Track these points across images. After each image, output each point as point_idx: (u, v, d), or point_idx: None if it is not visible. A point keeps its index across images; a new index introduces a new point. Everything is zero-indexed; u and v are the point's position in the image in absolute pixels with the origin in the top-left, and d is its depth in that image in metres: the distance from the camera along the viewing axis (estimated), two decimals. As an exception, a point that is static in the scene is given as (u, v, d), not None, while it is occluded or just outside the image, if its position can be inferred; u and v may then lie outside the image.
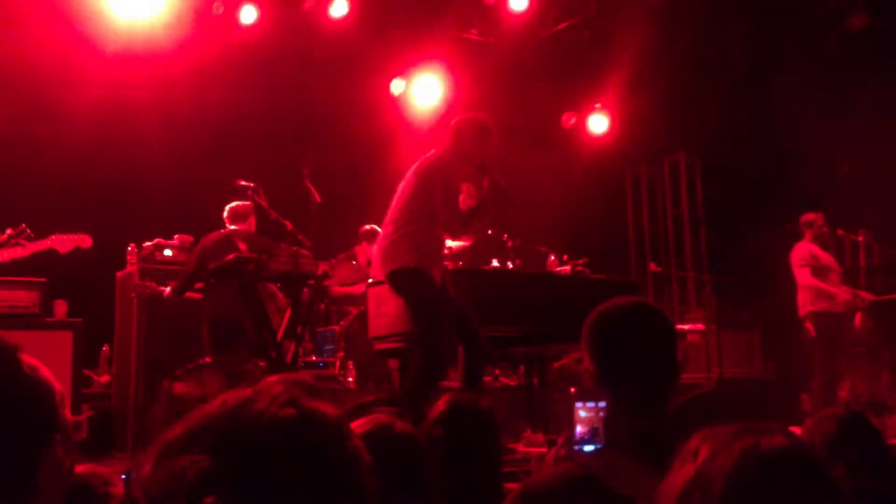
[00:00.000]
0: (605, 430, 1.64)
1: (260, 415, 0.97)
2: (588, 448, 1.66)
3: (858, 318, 7.38)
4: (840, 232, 7.71)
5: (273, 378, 1.04)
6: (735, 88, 9.36)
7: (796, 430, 2.55)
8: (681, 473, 1.12)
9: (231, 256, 5.56)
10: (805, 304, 7.12)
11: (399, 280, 4.83)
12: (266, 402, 0.99)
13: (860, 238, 7.70)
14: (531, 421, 6.16)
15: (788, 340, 7.47)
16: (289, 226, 5.84)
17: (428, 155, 4.93)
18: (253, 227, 6.48)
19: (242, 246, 6.11)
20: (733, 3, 8.68)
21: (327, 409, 1.02)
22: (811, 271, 7.10)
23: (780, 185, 9.21)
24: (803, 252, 7.18)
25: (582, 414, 1.69)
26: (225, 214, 6.50)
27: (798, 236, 7.37)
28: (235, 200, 6.45)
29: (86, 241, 5.84)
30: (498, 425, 2.28)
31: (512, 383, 7.50)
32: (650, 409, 1.74)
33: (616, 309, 1.81)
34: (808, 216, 7.37)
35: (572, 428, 1.71)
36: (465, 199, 4.91)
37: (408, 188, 4.85)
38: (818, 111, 8.63)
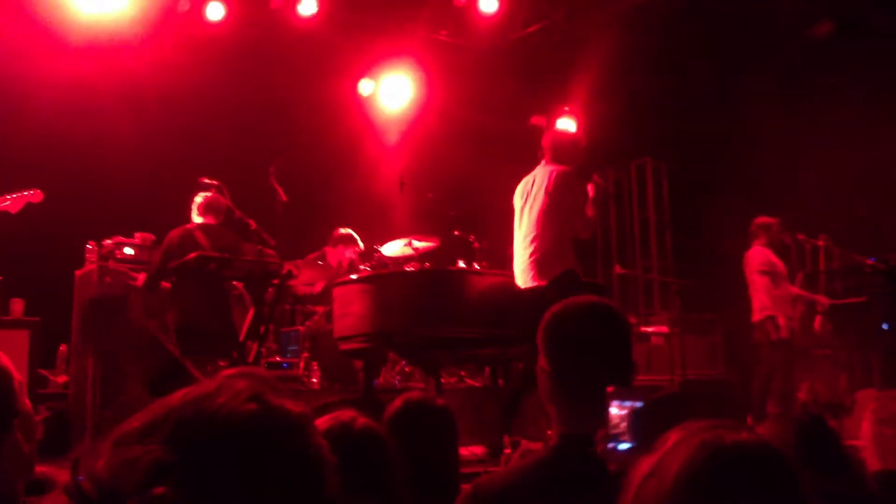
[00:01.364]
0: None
1: (221, 408, 0.95)
2: (623, 446, 1.66)
3: (818, 321, 7.49)
4: (801, 236, 7.82)
5: (237, 373, 1.03)
6: (701, 93, 9.46)
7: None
8: (646, 462, 1.12)
9: (192, 255, 5.49)
10: (764, 308, 7.20)
11: (567, 280, 5.35)
12: (228, 395, 0.97)
13: (820, 243, 7.81)
14: (497, 422, 6.16)
15: (750, 343, 7.56)
16: (252, 224, 5.79)
17: (551, 174, 5.53)
18: (220, 223, 6.37)
19: (204, 240, 5.97)
20: (699, 10, 8.77)
21: (291, 405, 1.01)
22: (770, 279, 7.19)
23: (745, 189, 9.31)
24: (761, 258, 7.25)
25: (615, 412, 1.69)
26: (195, 207, 6.34)
27: (750, 237, 7.44)
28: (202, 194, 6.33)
29: (37, 195, 5.61)
30: (454, 423, 2.29)
31: (478, 385, 7.50)
32: (605, 408, 1.75)
33: (571, 308, 1.81)
34: (765, 220, 7.43)
35: (607, 426, 1.72)
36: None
37: (543, 205, 5.46)
38: (781, 117, 8.74)
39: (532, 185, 5.66)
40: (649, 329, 9.18)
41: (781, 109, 8.74)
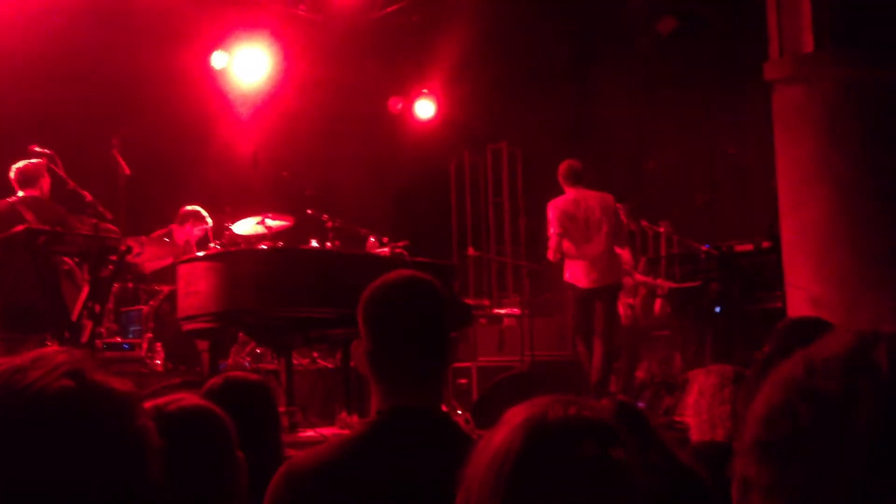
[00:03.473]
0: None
1: (32, 384, 0.89)
2: None
3: (658, 304, 7.90)
4: (644, 223, 8.21)
5: (59, 349, 0.97)
6: (556, 82, 9.72)
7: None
8: (481, 439, 1.13)
9: (20, 228, 5.12)
10: None
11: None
12: (42, 371, 0.91)
13: (661, 229, 8.24)
14: (346, 403, 6.15)
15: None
16: (88, 197, 5.48)
17: (608, 198, 7.00)
18: (46, 194, 5.98)
19: (29, 215, 5.60)
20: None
21: (115, 383, 0.95)
22: None
23: (595, 176, 9.66)
24: None
25: None
26: (12, 176, 5.93)
27: None
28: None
29: None
30: (272, 396, 2.27)
31: (330, 366, 7.45)
32: (423, 383, 1.76)
33: (384, 285, 1.82)
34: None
35: (440, 401, 1.74)
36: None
37: (608, 221, 6.86)
38: (630, 107, 9.11)
39: (590, 205, 6.86)
40: (502, 311, 9.39)
41: (628, 98, 9.12)
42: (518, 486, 1.00)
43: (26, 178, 5.84)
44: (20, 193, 5.81)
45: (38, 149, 5.66)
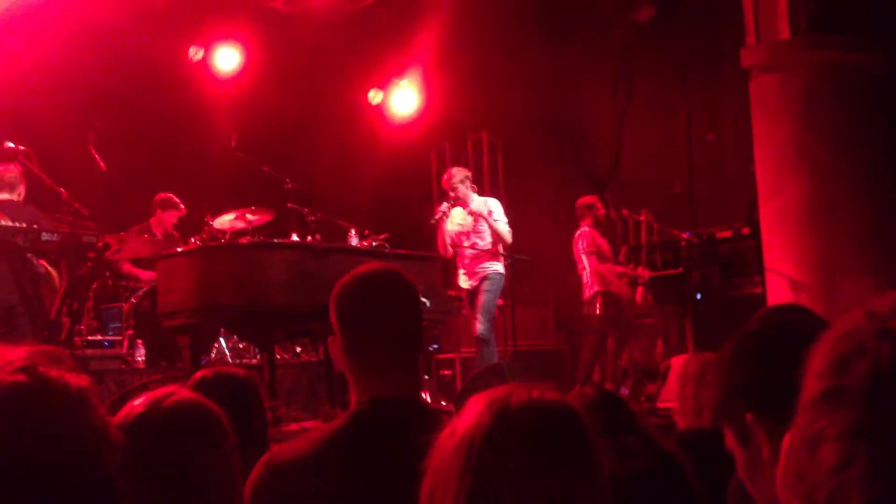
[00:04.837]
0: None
1: None
2: None
3: (639, 292, 7.93)
4: (625, 212, 8.24)
5: (20, 346, 0.96)
6: (536, 71, 9.71)
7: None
8: (448, 424, 1.14)
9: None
10: (594, 285, 7.58)
11: None
12: None
13: (641, 217, 8.27)
14: (329, 397, 6.14)
15: (579, 315, 7.94)
16: (64, 194, 5.41)
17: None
18: (22, 196, 5.92)
19: (3, 218, 5.54)
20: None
21: (71, 378, 0.95)
22: (598, 259, 7.59)
23: (574, 165, 9.68)
24: (588, 240, 7.63)
25: None
26: None
27: (577, 219, 7.81)
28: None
29: None
30: (259, 390, 2.27)
31: (313, 360, 7.42)
32: (399, 373, 1.76)
33: (355, 278, 1.81)
34: (587, 199, 7.83)
35: (418, 391, 1.77)
36: None
37: None
38: (607, 95, 9.13)
39: None
40: (484, 301, 9.37)
41: (606, 87, 9.13)
42: (485, 466, 1.02)
43: (5, 184, 5.75)
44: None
45: (11, 145, 5.58)
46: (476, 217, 6.95)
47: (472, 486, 1.04)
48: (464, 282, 7.07)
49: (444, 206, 6.96)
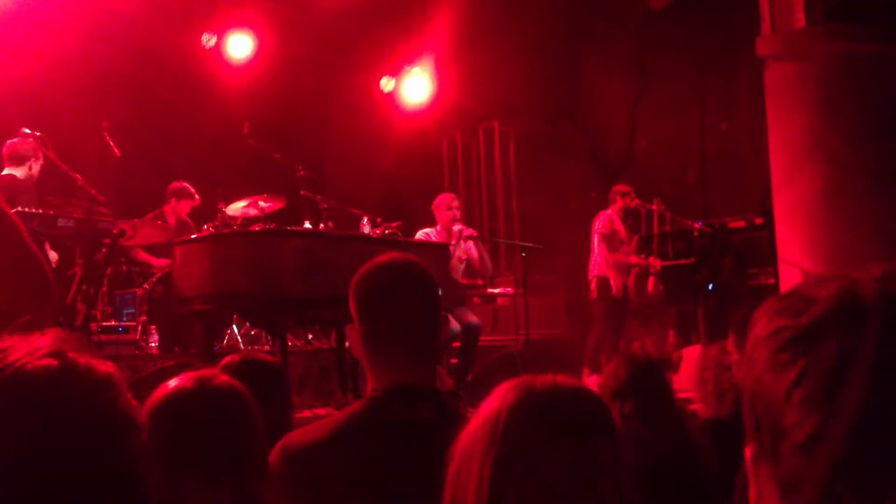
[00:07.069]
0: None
1: (12, 365, 0.90)
2: None
3: (651, 282, 7.92)
4: (637, 201, 8.21)
5: (45, 332, 0.98)
6: (547, 59, 9.68)
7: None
8: (475, 410, 1.17)
9: (10, 211, 5.08)
10: (593, 268, 7.58)
11: None
12: (23, 352, 0.92)
13: (654, 207, 8.24)
14: (341, 384, 6.16)
15: (586, 301, 7.93)
16: (80, 180, 5.43)
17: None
18: (35, 177, 5.94)
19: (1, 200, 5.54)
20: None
21: (98, 364, 0.96)
22: (606, 243, 7.55)
23: (587, 154, 9.66)
24: (605, 221, 7.60)
25: None
26: (3, 152, 5.86)
27: (605, 203, 7.77)
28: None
29: None
30: (284, 377, 2.28)
31: (325, 347, 7.45)
32: (417, 361, 1.77)
33: (376, 267, 1.82)
34: (623, 187, 7.81)
35: (433, 381, 1.77)
36: None
37: None
38: (621, 84, 9.09)
39: None
40: (496, 290, 9.40)
41: (620, 76, 9.09)
42: (511, 437, 1.05)
43: (17, 156, 5.78)
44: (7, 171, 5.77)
45: (27, 130, 5.61)
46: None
47: (498, 458, 1.06)
48: None
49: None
